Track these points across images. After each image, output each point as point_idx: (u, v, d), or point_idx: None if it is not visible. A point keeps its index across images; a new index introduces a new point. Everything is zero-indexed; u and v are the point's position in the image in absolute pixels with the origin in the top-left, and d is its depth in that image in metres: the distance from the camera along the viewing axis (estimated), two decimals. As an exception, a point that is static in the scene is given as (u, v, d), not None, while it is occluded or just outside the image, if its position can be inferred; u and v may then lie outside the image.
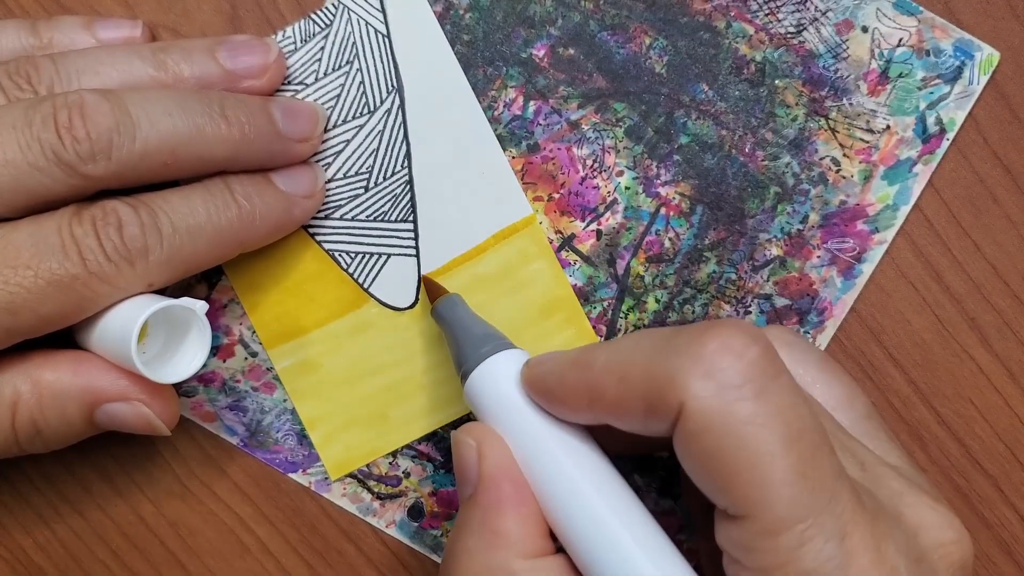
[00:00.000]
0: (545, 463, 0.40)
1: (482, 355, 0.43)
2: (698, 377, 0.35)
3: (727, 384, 0.35)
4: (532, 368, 0.42)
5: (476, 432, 0.42)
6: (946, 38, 0.49)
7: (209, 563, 0.54)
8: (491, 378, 0.43)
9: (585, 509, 0.39)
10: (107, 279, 0.43)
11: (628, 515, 0.39)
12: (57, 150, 0.42)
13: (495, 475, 0.40)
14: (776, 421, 0.35)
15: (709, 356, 0.35)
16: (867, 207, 0.50)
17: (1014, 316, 0.51)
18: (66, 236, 0.42)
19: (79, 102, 0.42)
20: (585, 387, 0.39)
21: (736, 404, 0.35)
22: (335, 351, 0.52)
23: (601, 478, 0.40)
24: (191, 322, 0.45)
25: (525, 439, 0.41)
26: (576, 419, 0.40)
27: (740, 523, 0.35)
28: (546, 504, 0.40)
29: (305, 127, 0.48)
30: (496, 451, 0.41)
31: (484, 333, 0.45)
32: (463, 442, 0.42)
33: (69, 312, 0.43)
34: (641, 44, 0.50)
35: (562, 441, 0.40)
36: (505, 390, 0.42)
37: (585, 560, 0.39)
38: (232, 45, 0.48)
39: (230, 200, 0.46)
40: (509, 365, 0.43)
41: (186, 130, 0.44)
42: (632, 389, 0.37)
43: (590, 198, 0.51)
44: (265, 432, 0.53)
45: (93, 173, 0.42)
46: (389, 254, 0.51)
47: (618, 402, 0.37)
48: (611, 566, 0.38)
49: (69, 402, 0.45)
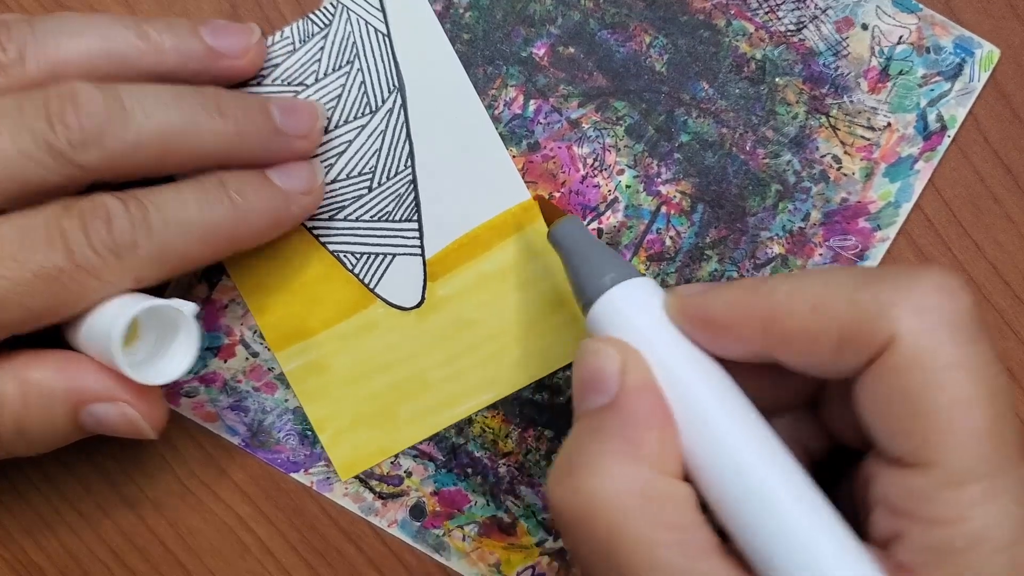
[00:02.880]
0: (689, 393, 0.38)
1: (613, 280, 0.41)
2: (913, 311, 0.34)
3: (942, 324, 0.34)
4: (685, 297, 0.39)
5: (617, 345, 0.39)
6: (946, 35, 0.49)
7: (209, 563, 0.54)
8: (627, 302, 0.40)
9: (730, 448, 0.37)
10: (94, 272, 0.42)
11: (776, 459, 0.36)
12: (49, 138, 0.41)
13: (642, 388, 0.38)
14: (984, 371, 0.34)
15: (924, 293, 0.34)
16: (869, 204, 0.50)
17: (1014, 316, 0.51)
18: (53, 229, 0.42)
19: (71, 91, 0.42)
20: (763, 313, 0.37)
21: (948, 346, 0.34)
22: (342, 352, 0.52)
23: (749, 418, 0.37)
24: (178, 323, 0.45)
25: (669, 365, 0.39)
26: (735, 351, 0.38)
27: (920, 471, 0.34)
28: (688, 435, 0.38)
29: (303, 123, 0.48)
30: (640, 368, 0.39)
31: (611, 258, 0.42)
32: (602, 350, 0.39)
33: (56, 306, 0.42)
34: (641, 42, 0.50)
35: (708, 374, 0.38)
36: (647, 315, 0.40)
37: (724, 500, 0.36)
38: (215, 25, 0.48)
39: (223, 195, 0.45)
40: (647, 292, 0.40)
41: (181, 122, 0.43)
42: (828, 318, 0.35)
43: (591, 197, 0.51)
44: (267, 432, 0.53)
45: (85, 162, 0.42)
46: (394, 254, 0.51)
47: (805, 331, 0.36)
48: (755, 509, 0.36)
49: (54, 402, 0.44)
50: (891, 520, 0.35)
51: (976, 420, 0.33)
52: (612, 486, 0.37)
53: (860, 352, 0.35)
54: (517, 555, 0.53)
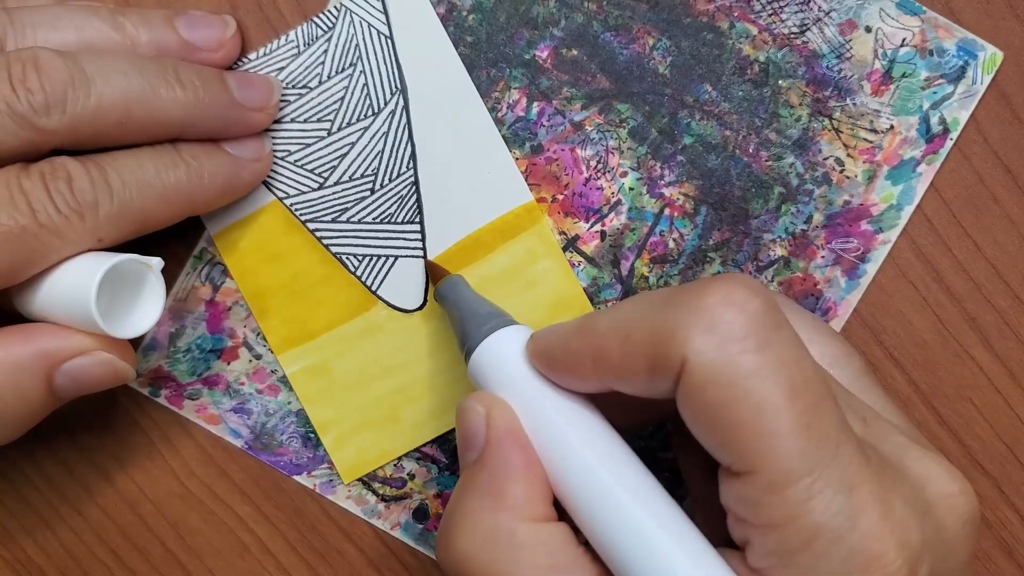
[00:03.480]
0: (552, 432, 0.40)
1: (486, 331, 0.43)
2: (700, 331, 0.35)
3: (729, 337, 0.34)
4: (537, 340, 0.41)
5: (484, 399, 0.42)
6: (949, 38, 0.49)
7: (209, 563, 0.54)
8: (496, 352, 0.43)
9: (591, 478, 0.38)
10: (57, 232, 0.42)
11: (635, 482, 0.38)
12: (10, 101, 0.41)
13: (503, 439, 0.40)
14: (780, 373, 0.34)
15: (710, 309, 0.35)
16: (871, 207, 0.50)
17: (1014, 316, 0.51)
18: (15, 189, 0.42)
19: (33, 57, 0.42)
20: (589, 351, 0.38)
21: (739, 357, 0.34)
22: (345, 354, 0.52)
23: (607, 447, 0.39)
24: (144, 278, 0.45)
25: (532, 409, 0.41)
26: (582, 386, 0.40)
27: (746, 479, 0.35)
28: (552, 472, 0.40)
29: (260, 95, 0.48)
30: (504, 417, 0.41)
31: (487, 311, 0.45)
32: (470, 408, 0.41)
33: (17, 266, 0.42)
34: (644, 45, 0.50)
35: (568, 411, 0.40)
36: (510, 363, 0.42)
37: (591, 528, 0.38)
38: (190, 17, 0.48)
39: (178, 159, 0.46)
40: (513, 340, 0.43)
41: (140, 89, 0.44)
42: (635, 348, 0.36)
43: (594, 199, 0.51)
44: (270, 434, 0.53)
45: (47, 126, 0.42)
46: (396, 256, 0.51)
47: (622, 363, 0.37)
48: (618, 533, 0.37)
49: (24, 373, 0.43)
50: (738, 527, 0.37)
51: (783, 422, 0.34)
52: (480, 541, 0.39)
53: (665, 375, 0.36)
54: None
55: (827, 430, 0.35)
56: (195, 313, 0.52)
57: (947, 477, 0.38)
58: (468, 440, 0.41)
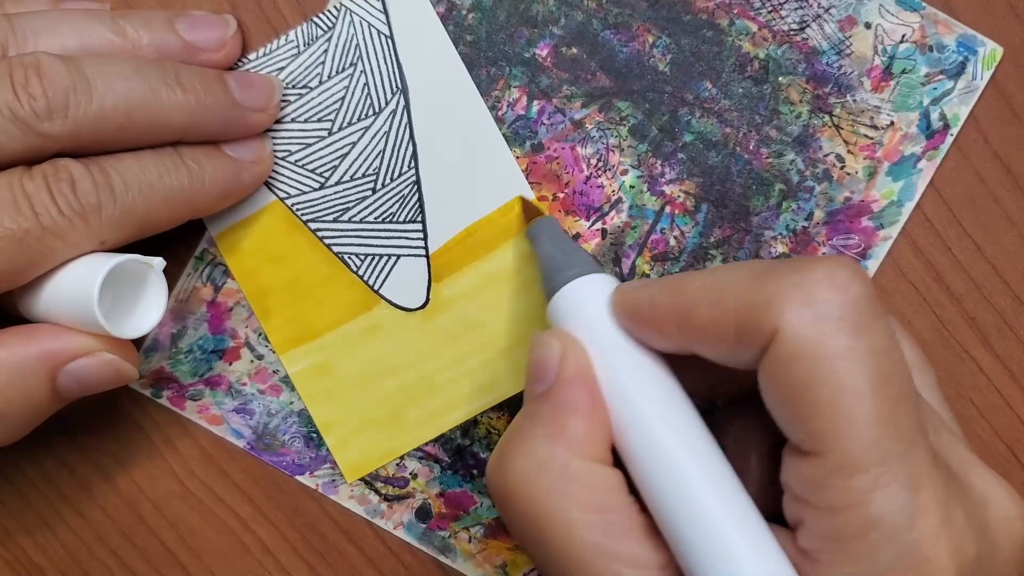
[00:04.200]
0: (622, 383, 0.40)
1: (571, 275, 0.43)
2: (796, 304, 0.35)
3: (826, 315, 0.34)
4: (623, 292, 0.41)
5: (562, 336, 0.41)
6: (949, 33, 0.49)
7: (209, 563, 0.54)
8: (579, 297, 0.43)
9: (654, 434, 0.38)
10: (60, 234, 0.42)
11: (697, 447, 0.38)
12: (13, 107, 0.42)
13: (574, 378, 0.40)
14: (869, 360, 0.34)
15: (811, 286, 0.35)
16: (872, 203, 0.50)
17: (1014, 316, 0.51)
18: (18, 191, 0.42)
19: (35, 62, 0.42)
20: (676, 310, 0.38)
21: (832, 337, 0.34)
22: (347, 354, 0.52)
23: (675, 408, 0.39)
24: (146, 279, 0.45)
25: (607, 357, 0.41)
26: (662, 344, 0.40)
27: (813, 459, 0.35)
28: (616, 421, 0.40)
29: (260, 96, 0.49)
30: (578, 357, 0.41)
31: (576, 256, 0.45)
32: (547, 342, 0.41)
33: (21, 268, 0.42)
34: (644, 42, 0.50)
35: (642, 366, 0.40)
36: (593, 310, 0.42)
37: (645, 483, 0.38)
38: (191, 18, 0.48)
39: (180, 163, 0.46)
40: (598, 288, 0.43)
41: (142, 93, 0.44)
42: (725, 313, 0.36)
43: (595, 197, 0.51)
44: (272, 435, 0.53)
45: (50, 131, 0.42)
46: (398, 255, 0.51)
47: (709, 325, 0.37)
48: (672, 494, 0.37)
49: (28, 373, 0.44)
50: (794, 506, 0.37)
51: (863, 408, 0.34)
52: (534, 466, 0.39)
53: (752, 344, 0.36)
54: (523, 557, 0.53)
55: (904, 426, 0.35)
56: (197, 314, 0.52)
57: (1009, 499, 0.38)
58: (539, 371, 0.41)
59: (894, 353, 0.35)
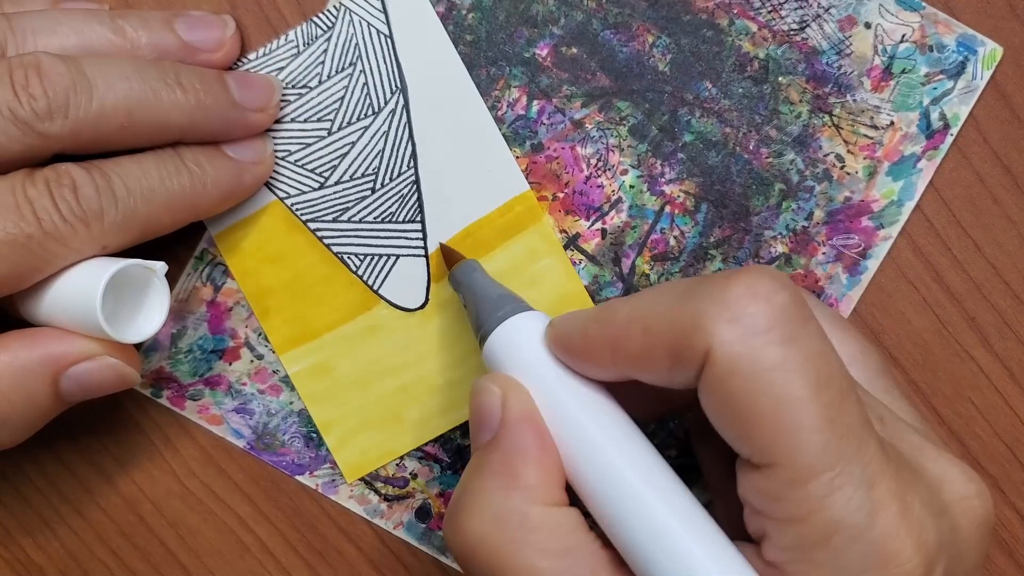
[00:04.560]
0: (568, 417, 0.40)
1: (502, 316, 0.43)
2: (724, 322, 0.34)
3: (754, 329, 0.34)
4: (556, 326, 0.41)
5: (500, 380, 0.41)
6: (949, 33, 0.49)
7: (209, 563, 0.54)
8: (513, 336, 0.42)
9: (607, 464, 0.38)
10: (62, 240, 0.42)
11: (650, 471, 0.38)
12: (13, 107, 0.42)
13: (519, 422, 0.40)
14: (805, 367, 0.34)
15: (735, 301, 0.35)
16: (872, 203, 0.50)
17: (1014, 316, 0.51)
18: (20, 196, 0.42)
19: (35, 62, 0.42)
20: (608, 340, 0.38)
21: (763, 349, 0.34)
22: (347, 354, 0.52)
23: (624, 435, 0.39)
24: (148, 283, 0.45)
25: (548, 394, 0.40)
26: (600, 374, 0.40)
27: (766, 472, 0.35)
28: (567, 457, 0.39)
29: (260, 96, 0.49)
30: (520, 400, 0.40)
31: (504, 296, 0.45)
32: (486, 388, 0.41)
33: (23, 273, 0.42)
34: (644, 42, 0.50)
35: (585, 397, 0.40)
36: (528, 347, 0.42)
37: (604, 515, 0.38)
38: (189, 18, 0.48)
39: (181, 166, 0.46)
40: (531, 325, 0.42)
41: (142, 93, 0.44)
42: (657, 338, 0.36)
43: (594, 197, 0.51)
44: (272, 435, 0.53)
45: (50, 131, 0.42)
46: (398, 255, 0.51)
47: (642, 352, 0.37)
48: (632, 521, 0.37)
49: (31, 377, 0.44)
50: (755, 520, 0.36)
51: (805, 416, 0.34)
52: (490, 521, 0.39)
53: (687, 367, 0.36)
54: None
55: (850, 425, 0.34)
56: (196, 314, 0.52)
57: (964, 479, 0.38)
58: (482, 420, 0.41)
59: (829, 355, 0.35)
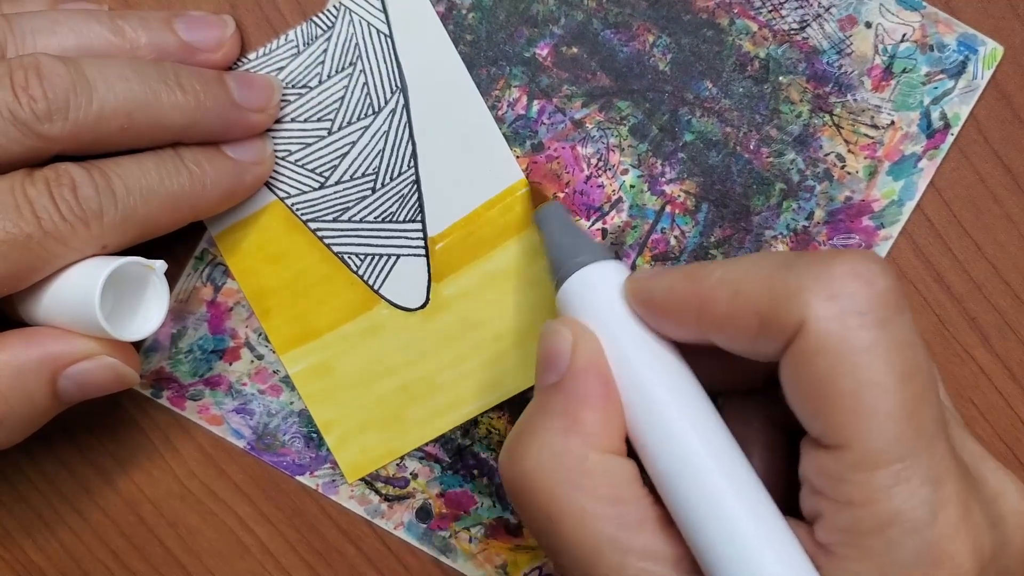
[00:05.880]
0: (635, 372, 0.39)
1: (582, 261, 0.42)
2: (823, 298, 0.34)
3: (852, 309, 0.34)
4: (639, 279, 0.41)
5: (572, 325, 0.41)
6: (950, 33, 0.49)
7: (209, 563, 0.54)
8: (590, 284, 0.42)
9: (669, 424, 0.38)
10: (62, 239, 0.42)
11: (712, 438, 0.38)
12: (13, 108, 0.42)
13: (586, 368, 0.39)
14: (894, 355, 0.34)
15: (838, 279, 0.35)
16: (872, 203, 0.50)
17: (1015, 316, 0.51)
18: (19, 196, 0.42)
19: (35, 63, 0.42)
20: (695, 299, 0.38)
21: (857, 331, 0.34)
22: (348, 354, 0.52)
23: (690, 398, 0.39)
24: (147, 281, 0.45)
25: (620, 346, 0.40)
26: (677, 333, 0.39)
27: (834, 453, 0.35)
28: (629, 411, 0.39)
29: (260, 96, 0.49)
30: (590, 347, 0.40)
31: (584, 242, 0.44)
32: (557, 331, 0.41)
33: (22, 272, 0.42)
34: (644, 42, 0.50)
35: (656, 354, 0.39)
36: (605, 297, 0.41)
37: (660, 474, 0.38)
38: (189, 18, 0.48)
39: (181, 166, 0.46)
40: (609, 275, 0.42)
41: (142, 94, 0.44)
42: (748, 303, 0.36)
43: (595, 197, 0.51)
44: (272, 435, 0.52)
45: (50, 133, 0.42)
46: (398, 255, 0.51)
47: (730, 315, 0.37)
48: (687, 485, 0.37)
49: (29, 376, 0.44)
50: (812, 499, 0.36)
51: (886, 403, 0.34)
52: (548, 459, 0.39)
53: (776, 337, 0.36)
54: (524, 556, 0.53)
55: (927, 421, 0.34)
56: (196, 314, 0.52)
57: (1020, 495, 0.38)
58: (550, 362, 0.40)
59: (918, 347, 0.35)
